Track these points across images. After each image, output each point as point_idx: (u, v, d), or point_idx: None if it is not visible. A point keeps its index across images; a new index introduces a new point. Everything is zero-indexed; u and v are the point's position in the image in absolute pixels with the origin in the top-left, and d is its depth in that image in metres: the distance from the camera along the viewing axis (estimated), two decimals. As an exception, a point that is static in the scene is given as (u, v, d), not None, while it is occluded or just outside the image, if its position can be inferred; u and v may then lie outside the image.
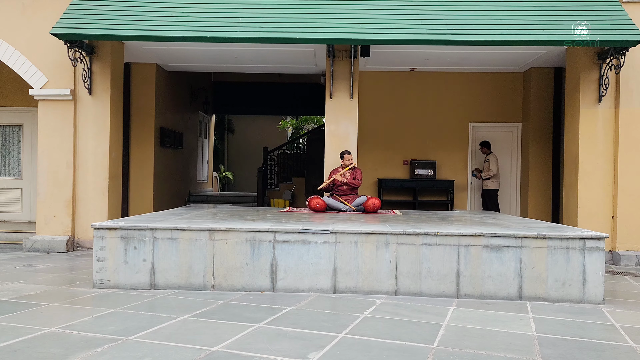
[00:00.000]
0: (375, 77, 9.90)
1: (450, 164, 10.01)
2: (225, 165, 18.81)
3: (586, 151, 7.59)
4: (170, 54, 8.88)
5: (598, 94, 7.53)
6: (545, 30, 6.92)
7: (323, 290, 4.90)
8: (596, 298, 4.80)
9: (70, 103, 7.69)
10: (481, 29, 6.91)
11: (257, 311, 4.20)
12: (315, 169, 11.49)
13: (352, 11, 7.16)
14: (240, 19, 7.02)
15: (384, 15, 7.11)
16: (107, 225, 5.00)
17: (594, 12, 7.13)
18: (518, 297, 4.83)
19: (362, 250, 4.90)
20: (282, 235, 4.92)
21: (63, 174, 7.70)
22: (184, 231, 4.94)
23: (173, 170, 11.03)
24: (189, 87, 12.18)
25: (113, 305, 4.31)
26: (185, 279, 4.95)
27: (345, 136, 7.83)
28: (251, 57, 8.89)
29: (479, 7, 7.25)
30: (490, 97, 9.98)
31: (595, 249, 4.81)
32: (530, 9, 7.23)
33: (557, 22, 7.02)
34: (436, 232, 4.86)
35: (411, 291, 4.88)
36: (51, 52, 7.63)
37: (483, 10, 7.20)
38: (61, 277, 5.64)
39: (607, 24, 6.93)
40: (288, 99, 14.74)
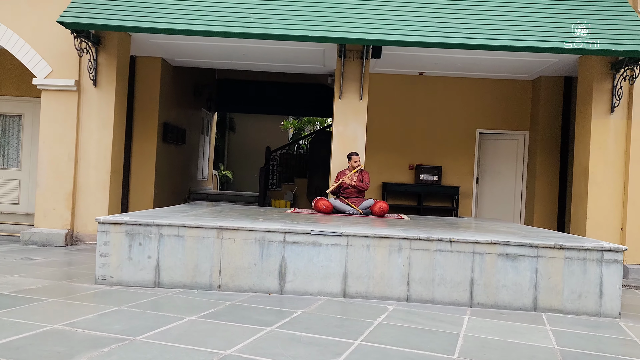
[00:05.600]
0: (383, 80, 9.79)
1: (456, 170, 9.90)
2: (225, 164, 18.65)
3: (596, 162, 7.49)
4: (177, 48, 8.73)
5: (610, 105, 7.44)
6: (560, 38, 6.82)
7: (332, 294, 4.76)
8: (613, 312, 4.68)
9: (74, 94, 7.53)
10: (495, 34, 6.81)
11: (266, 314, 4.06)
12: (318, 170, 11.37)
13: (366, 11, 7.05)
14: (252, 14, 6.89)
15: (397, 17, 6.99)
16: (112, 219, 4.84)
17: (610, 21, 7.04)
18: (533, 308, 4.70)
19: (374, 254, 4.76)
20: (293, 236, 4.78)
21: (64, 166, 7.53)
22: (191, 228, 4.79)
23: (175, 166, 10.87)
24: (193, 84, 12.03)
25: (117, 302, 4.16)
26: (191, 277, 4.80)
27: (353, 138, 7.70)
28: (259, 54, 8.76)
29: (492, 12, 7.14)
30: (499, 104, 9.89)
31: (613, 261, 4.69)
32: (545, 16, 7.13)
33: (571, 30, 6.92)
34: (451, 238, 4.73)
35: (423, 298, 4.74)
36: (56, 42, 7.47)
37: (497, 15, 7.09)
38: (61, 271, 5.48)
39: (622, 34, 6.84)
40: (292, 99, 14.60)
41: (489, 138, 9.97)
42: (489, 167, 10.01)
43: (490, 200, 9.95)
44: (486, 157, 9.99)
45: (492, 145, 9.91)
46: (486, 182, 9.99)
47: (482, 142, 9.98)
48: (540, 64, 8.63)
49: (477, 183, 9.92)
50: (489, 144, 9.91)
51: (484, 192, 9.96)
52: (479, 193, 9.97)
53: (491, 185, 9.98)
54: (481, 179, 9.98)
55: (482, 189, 9.96)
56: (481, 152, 9.94)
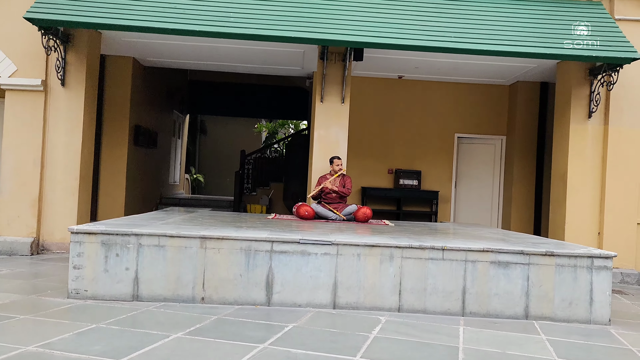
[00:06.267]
0: (362, 83, 9.67)
1: (435, 174, 9.86)
2: (196, 168, 18.22)
3: (575, 168, 7.54)
4: (151, 47, 8.40)
5: (588, 110, 7.51)
6: (540, 43, 6.84)
7: (322, 305, 4.58)
8: (603, 319, 4.65)
9: (40, 94, 7.13)
10: (477, 38, 6.77)
11: (256, 329, 3.84)
12: (295, 174, 11.17)
13: (348, 13, 6.90)
14: (232, 13, 6.65)
15: (380, 19, 6.88)
16: (87, 229, 4.54)
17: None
18: (524, 317, 4.63)
19: (365, 263, 4.61)
20: (280, 245, 4.58)
21: (29, 171, 7.11)
22: (173, 238, 4.53)
23: (146, 171, 10.48)
24: (165, 85, 11.66)
25: (94, 319, 3.87)
26: (173, 290, 4.54)
27: (335, 142, 7.54)
28: (236, 55, 8.50)
29: (474, 17, 7.11)
30: (476, 108, 9.91)
31: (603, 267, 4.67)
32: (526, 21, 7.15)
33: (551, 35, 6.96)
34: (443, 246, 4.62)
35: (415, 308, 4.61)
36: (22, 39, 7.06)
37: (479, 20, 7.06)
38: (30, 284, 5.12)
39: (601, 40, 6.90)
40: (266, 102, 14.36)
41: (467, 142, 9.98)
42: (466, 172, 10.01)
43: (468, 205, 9.95)
44: (464, 162, 9.99)
45: (470, 150, 9.91)
46: (464, 187, 9.99)
47: (460, 146, 9.97)
48: (518, 69, 8.67)
49: (455, 187, 9.91)
50: (467, 149, 9.91)
51: (461, 196, 9.96)
52: (457, 198, 9.96)
53: (469, 189, 9.98)
54: (459, 183, 9.98)
55: (460, 194, 9.96)
56: (459, 157, 9.93)
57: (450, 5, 7.18)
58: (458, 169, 9.96)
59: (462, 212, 9.91)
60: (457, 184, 9.96)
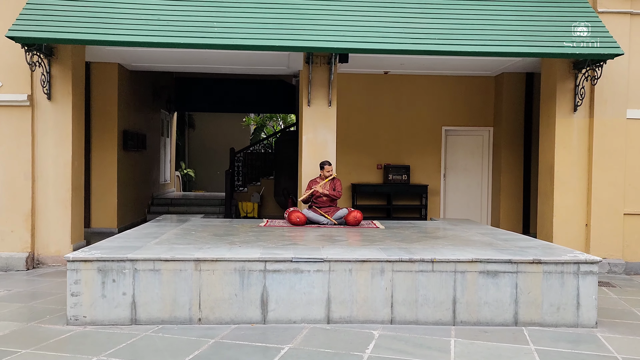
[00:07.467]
0: (348, 80, 9.68)
1: (424, 168, 9.96)
2: (186, 162, 18.20)
3: (561, 160, 7.65)
4: (135, 54, 8.36)
5: (573, 104, 7.59)
6: (524, 42, 6.88)
7: (316, 320, 4.69)
8: (589, 322, 4.81)
9: (27, 109, 7.10)
10: (460, 39, 6.81)
11: (254, 353, 3.95)
12: (285, 170, 11.23)
13: (331, 19, 6.88)
14: (215, 24, 6.62)
15: (363, 24, 6.87)
16: (82, 257, 4.59)
17: (572, 24, 7.12)
18: (514, 323, 4.77)
19: (357, 278, 4.72)
20: (273, 265, 4.67)
21: (21, 185, 7.12)
22: (168, 262, 4.61)
23: (136, 174, 10.50)
24: (151, 86, 11.60)
25: (94, 350, 3.95)
26: (170, 312, 4.63)
27: (323, 144, 7.60)
28: (221, 58, 8.48)
29: (456, 18, 7.12)
30: (463, 101, 9.97)
31: (588, 272, 4.81)
32: (510, 20, 7.17)
33: (535, 33, 7.00)
34: (432, 258, 4.73)
35: (407, 319, 4.74)
36: (5, 55, 7.00)
37: (461, 21, 7.07)
38: (28, 307, 5.19)
39: (585, 36, 6.94)
40: (253, 96, 14.30)
41: (454, 134, 10.06)
42: (455, 164, 10.12)
43: (458, 197, 10.08)
44: (452, 154, 10.09)
45: (458, 142, 10.00)
46: (453, 179, 10.10)
47: (448, 138, 10.06)
48: (503, 62, 8.72)
49: (444, 180, 10.02)
50: (455, 141, 10.00)
51: (451, 188, 10.08)
52: (447, 190, 10.08)
53: (458, 181, 10.10)
54: (448, 175, 10.09)
55: (449, 186, 10.07)
56: (447, 149, 10.02)
57: (433, 7, 7.17)
58: (447, 161, 10.06)
59: (452, 204, 10.04)
60: (446, 176, 10.08)
